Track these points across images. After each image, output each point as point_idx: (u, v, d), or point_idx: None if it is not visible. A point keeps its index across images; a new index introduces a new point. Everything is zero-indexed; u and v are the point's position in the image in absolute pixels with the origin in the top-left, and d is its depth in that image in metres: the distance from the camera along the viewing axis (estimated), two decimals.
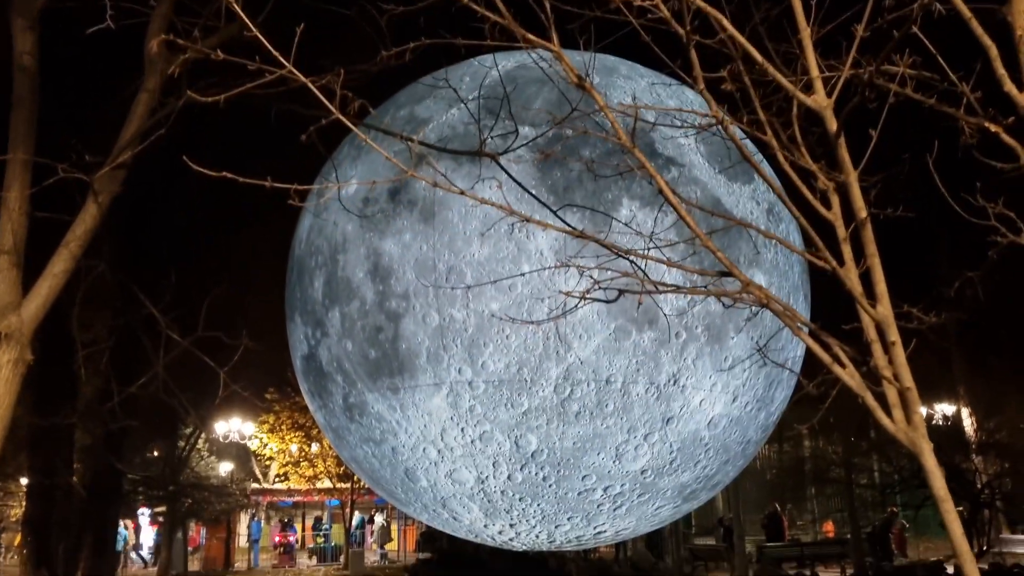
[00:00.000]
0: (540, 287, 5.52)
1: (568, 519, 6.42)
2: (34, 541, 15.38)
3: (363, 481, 8.71)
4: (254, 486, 32.97)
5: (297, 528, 33.07)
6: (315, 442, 29.12)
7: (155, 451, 25.56)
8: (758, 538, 24.37)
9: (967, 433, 22.23)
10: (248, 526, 31.19)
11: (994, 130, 3.66)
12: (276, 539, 31.51)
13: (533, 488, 6.12)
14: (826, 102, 3.69)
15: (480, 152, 5.24)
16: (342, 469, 26.88)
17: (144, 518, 31.24)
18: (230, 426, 27.86)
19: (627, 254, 4.18)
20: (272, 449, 31.23)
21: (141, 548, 31.45)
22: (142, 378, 8.55)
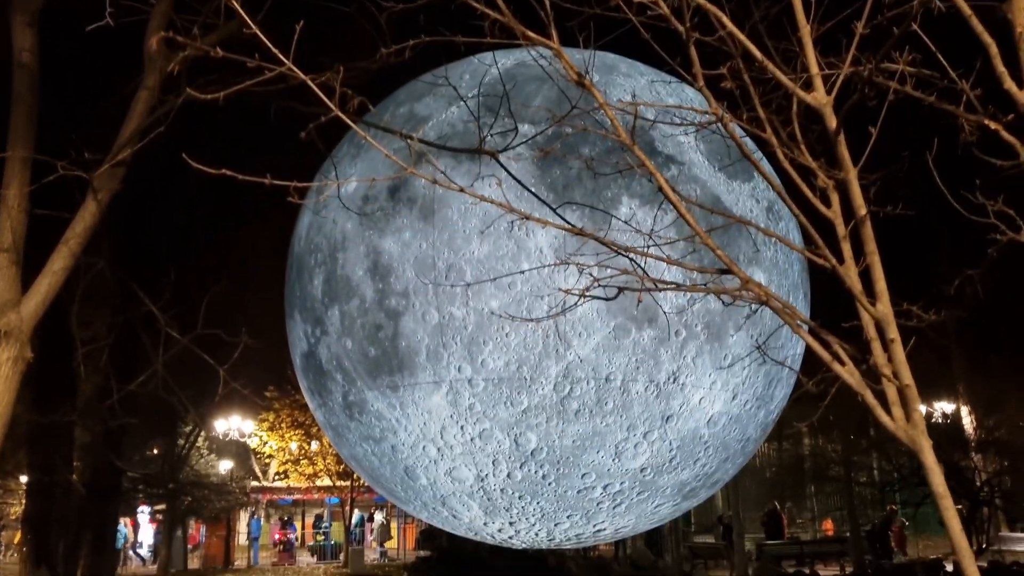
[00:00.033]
0: (540, 285, 5.52)
1: (568, 517, 6.42)
2: (34, 539, 15.35)
3: (363, 479, 8.70)
4: (254, 484, 32.95)
5: (297, 526, 33.06)
6: (315, 440, 29.16)
7: (155, 449, 25.51)
8: (758, 536, 24.40)
9: (966, 431, 22.26)
10: (248, 524, 31.15)
11: (994, 127, 3.65)
12: (276, 537, 31.51)
13: (533, 486, 6.12)
14: (826, 99, 3.69)
15: (480, 150, 5.23)
16: (342, 467, 26.90)
17: (144, 516, 31.18)
18: (230, 424, 27.86)
19: (627, 252, 4.18)
20: (272, 447, 31.31)
21: (141, 546, 31.42)
22: (142, 376, 8.54)
